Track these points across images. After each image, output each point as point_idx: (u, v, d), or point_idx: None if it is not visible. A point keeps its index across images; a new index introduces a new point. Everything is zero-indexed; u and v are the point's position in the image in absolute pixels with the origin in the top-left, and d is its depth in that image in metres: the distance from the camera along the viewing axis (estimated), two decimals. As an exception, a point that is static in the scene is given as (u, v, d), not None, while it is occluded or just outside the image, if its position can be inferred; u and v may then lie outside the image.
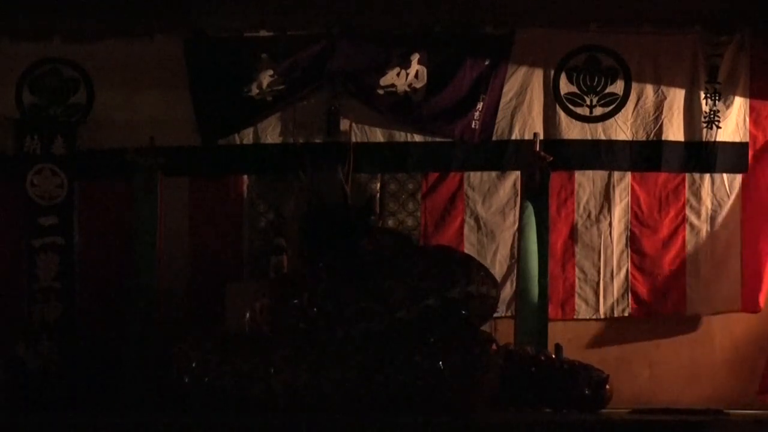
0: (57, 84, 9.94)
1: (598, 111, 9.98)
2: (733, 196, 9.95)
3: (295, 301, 8.27)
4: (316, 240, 8.79)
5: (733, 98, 9.90)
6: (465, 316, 8.30)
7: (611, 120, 9.96)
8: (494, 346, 8.26)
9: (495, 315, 9.63)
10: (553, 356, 8.83)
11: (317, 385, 8.02)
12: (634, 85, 9.94)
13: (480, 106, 9.88)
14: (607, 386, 8.58)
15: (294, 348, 8.12)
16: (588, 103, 9.98)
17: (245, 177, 9.97)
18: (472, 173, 10.00)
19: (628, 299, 9.94)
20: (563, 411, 8.47)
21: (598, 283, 9.96)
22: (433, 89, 9.88)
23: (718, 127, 9.90)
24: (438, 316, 8.20)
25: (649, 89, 9.95)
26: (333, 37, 9.87)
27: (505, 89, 9.93)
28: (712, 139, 9.91)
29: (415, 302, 8.16)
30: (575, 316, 9.95)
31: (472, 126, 9.90)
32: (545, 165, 9.57)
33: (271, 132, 9.96)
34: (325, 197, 9.36)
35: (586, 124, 9.97)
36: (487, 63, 9.90)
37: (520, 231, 9.58)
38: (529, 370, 8.63)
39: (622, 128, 9.95)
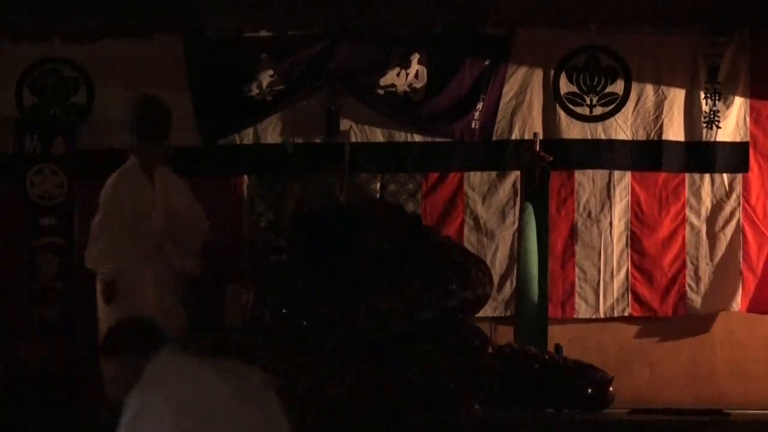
0: (57, 84, 9.91)
1: (598, 111, 9.96)
2: (733, 196, 9.94)
3: (272, 305, 8.30)
4: (302, 245, 8.76)
5: (733, 98, 9.88)
6: (459, 318, 8.31)
7: (611, 120, 9.95)
8: (490, 348, 8.26)
9: (495, 315, 9.67)
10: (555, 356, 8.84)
11: (311, 387, 8.02)
12: (634, 85, 9.92)
13: (480, 106, 9.87)
14: (611, 388, 8.57)
15: (287, 351, 8.12)
16: (588, 102, 9.96)
17: (245, 177, 9.96)
18: (471, 173, 9.97)
19: (628, 299, 9.92)
20: (565, 411, 8.46)
21: (598, 283, 9.93)
22: (433, 89, 9.87)
23: (718, 127, 9.89)
24: (433, 324, 8.22)
25: (649, 89, 9.93)
26: (333, 37, 9.86)
27: (505, 89, 9.91)
28: (712, 139, 9.89)
29: (412, 317, 8.16)
30: (575, 316, 9.94)
31: (472, 126, 9.89)
32: (545, 165, 9.56)
33: (271, 132, 9.94)
34: (315, 201, 9.34)
35: (586, 124, 9.96)
36: (487, 63, 9.89)
37: (520, 231, 9.58)
38: (533, 369, 8.62)
39: (622, 128, 9.94)
